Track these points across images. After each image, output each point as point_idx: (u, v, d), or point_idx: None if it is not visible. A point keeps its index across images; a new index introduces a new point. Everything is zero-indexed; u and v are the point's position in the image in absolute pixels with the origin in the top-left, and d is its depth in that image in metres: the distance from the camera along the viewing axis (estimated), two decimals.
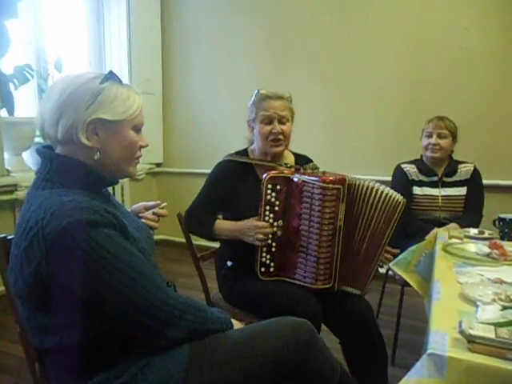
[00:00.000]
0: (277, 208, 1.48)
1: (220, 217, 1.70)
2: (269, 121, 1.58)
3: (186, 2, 3.67)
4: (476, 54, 2.84)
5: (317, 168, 1.71)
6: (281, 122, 1.59)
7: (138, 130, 1.06)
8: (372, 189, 1.47)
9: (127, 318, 0.92)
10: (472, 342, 0.75)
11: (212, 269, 1.78)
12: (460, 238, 1.60)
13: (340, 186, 1.41)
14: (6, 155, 2.66)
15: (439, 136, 2.17)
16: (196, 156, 3.73)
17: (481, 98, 2.84)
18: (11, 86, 2.68)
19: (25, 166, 2.78)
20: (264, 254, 1.52)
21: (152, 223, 1.27)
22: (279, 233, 1.50)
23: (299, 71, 3.30)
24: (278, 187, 1.47)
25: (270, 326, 1.08)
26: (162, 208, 1.31)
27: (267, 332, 1.06)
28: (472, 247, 1.48)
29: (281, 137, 1.59)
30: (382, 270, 2.49)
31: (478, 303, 0.95)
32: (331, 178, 1.41)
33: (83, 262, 0.87)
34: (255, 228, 1.48)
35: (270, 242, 1.51)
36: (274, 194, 1.47)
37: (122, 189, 3.40)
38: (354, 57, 3.14)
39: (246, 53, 3.49)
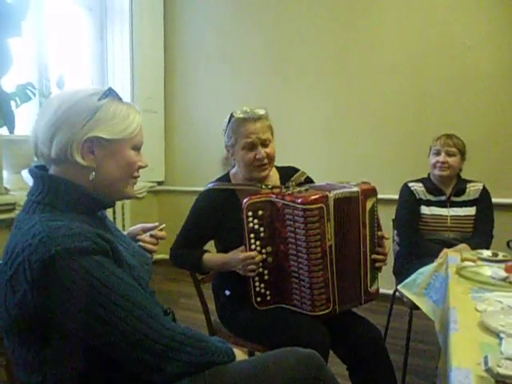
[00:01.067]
0: (262, 234, 1.39)
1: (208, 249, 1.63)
2: (251, 146, 1.48)
3: (188, 20, 3.68)
4: (480, 71, 2.82)
5: (302, 180, 1.60)
6: (264, 146, 1.49)
7: (137, 149, 1.01)
8: (347, 195, 1.38)
9: (120, 353, 0.86)
10: (501, 382, 0.67)
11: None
12: (473, 261, 1.53)
13: (322, 205, 1.30)
14: (5, 173, 2.62)
15: (448, 154, 2.12)
16: (198, 174, 3.68)
17: (487, 114, 2.81)
18: (12, 103, 2.65)
19: (24, 184, 2.73)
20: (257, 284, 1.43)
21: (150, 246, 1.21)
22: (270, 259, 1.41)
23: (302, 88, 3.28)
24: (260, 212, 1.37)
25: (275, 359, 1.00)
26: (161, 230, 1.24)
27: (273, 365, 0.98)
28: (487, 271, 1.40)
29: (266, 161, 1.50)
30: (389, 291, 2.43)
31: (502, 335, 0.88)
32: (312, 198, 1.30)
33: (72, 292, 0.81)
34: (241, 260, 1.40)
35: (261, 270, 1.41)
36: (256, 221, 1.37)
37: (123, 208, 3.35)
38: (357, 72, 3.13)
39: (248, 69, 3.48)
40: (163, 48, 3.76)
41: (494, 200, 2.20)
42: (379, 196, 1.57)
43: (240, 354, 1.06)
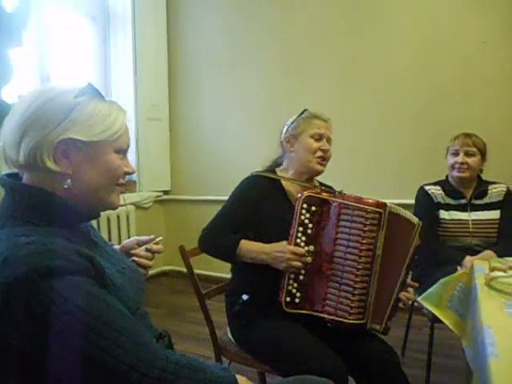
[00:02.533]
0: (309, 231, 1.35)
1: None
2: (319, 138, 1.52)
3: (192, 27, 3.63)
4: (497, 67, 2.71)
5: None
6: (328, 142, 1.55)
7: (122, 152, 0.90)
8: (402, 215, 1.36)
9: None
10: None
11: (222, 301, 1.59)
12: (504, 270, 1.39)
13: (381, 211, 1.30)
14: None
15: (467, 154, 1.99)
16: (205, 183, 3.60)
17: (507, 112, 2.68)
18: None
19: None
20: (291, 282, 1.35)
21: (145, 261, 1.09)
22: (309, 259, 1.35)
23: (312, 93, 3.19)
24: (313, 208, 1.35)
25: None
26: (157, 243, 1.13)
27: None
28: None
29: (327, 155, 1.54)
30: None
31: None
32: (372, 201, 1.31)
33: (43, 321, 0.69)
34: (290, 253, 1.32)
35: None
36: (308, 215, 1.34)
37: (128, 218, 3.27)
38: (370, 72, 3.03)
39: (254, 77, 3.41)
40: (167, 55, 3.71)
41: None
42: (394, 200, 1.51)
43: (245, 382, 0.94)
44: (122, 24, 3.44)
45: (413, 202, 2.15)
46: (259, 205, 1.47)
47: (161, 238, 1.14)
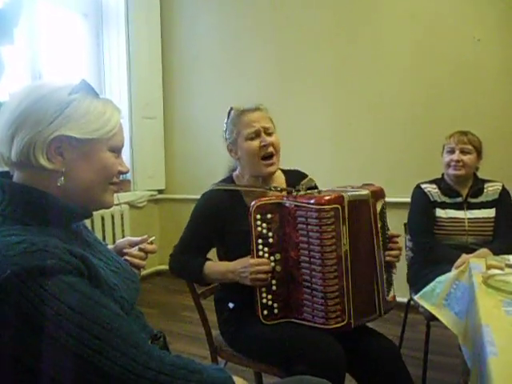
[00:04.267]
0: (271, 240, 1.28)
1: (210, 257, 1.50)
2: (255, 135, 1.40)
3: (186, 25, 3.60)
4: (491, 65, 2.71)
5: (312, 185, 1.50)
6: (267, 134, 1.42)
7: (116, 151, 0.89)
8: (358, 199, 1.29)
9: None
10: None
11: None
12: (500, 268, 1.39)
13: (337, 206, 1.22)
14: None
15: (462, 152, 1.98)
16: (200, 181, 3.56)
17: (502, 109, 2.68)
18: None
19: None
20: (264, 295, 1.30)
21: (138, 261, 1.07)
22: (278, 268, 1.29)
23: (306, 91, 3.18)
24: (269, 216, 1.28)
25: None
26: (151, 243, 1.11)
27: None
28: None
29: (271, 150, 1.41)
30: (403, 300, 2.29)
31: None
32: (326, 198, 1.22)
33: (34, 322, 0.68)
34: (250, 266, 1.27)
35: (269, 280, 1.30)
36: (264, 225, 1.28)
37: (122, 217, 3.24)
38: (363, 71, 3.02)
39: (249, 75, 3.39)
40: (161, 53, 3.68)
41: None
42: (389, 199, 1.47)
43: (241, 382, 0.93)
44: (115, 21, 3.40)
45: (409, 200, 2.15)
46: (220, 221, 1.42)
47: (153, 237, 1.12)
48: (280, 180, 1.53)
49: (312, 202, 1.23)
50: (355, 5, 3.03)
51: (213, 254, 1.53)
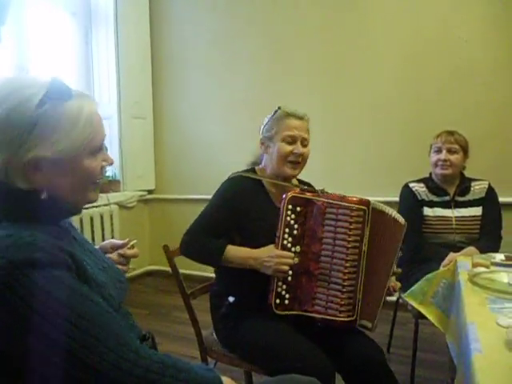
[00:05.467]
0: (295, 232, 1.34)
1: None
2: (291, 141, 1.46)
3: (176, 24, 3.59)
4: (478, 65, 2.74)
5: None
6: (303, 145, 1.48)
7: (97, 151, 0.85)
8: (386, 213, 1.38)
9: None
10: None
11: (207, 300, 1.56)
12: (486, 266, 1.41)
13: (365, 208, 1.31)
14: None
15: (449, 151, 2.01)
16: (190, 181, 3.57)
17: (488, 109, 2.72)
18: None
19: None
20: (280, 283, 1.34)
21: (119, 267, 1.04)
22: (296, 260, 1.34)
23: (296, 92, 3.18)
24: (298, 209, 1.34)
25: None
26: (132, 247, 1.07)
27: None
28: (503, 277, 1.28)
29: (300, 159, 1.48)
30: (392, 298, 2.30)
31: None
32: (356, 199, 1.33)
33: (22, 315, 0.67)
34: (276, 257, 1.31)
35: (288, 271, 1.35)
36: (293, 216, 1.33)
37: (112, 218, 3.22)
38: (354, 72, 3.04)
39: (239, 73, 3.38)
40: (150, 52, 3.65)
41: (500, 199, 2.09)
42: (378, 199, 1.50)
43: (229, 382, 0.93)
44: (103, 20, 3.38)
45: (397, 199, 2.17)
46: (242, 208, 1.44)
47: (135, 241, 1.09)
48: (295, 184, 1.57)
49: (345, 200, 1.33)
50: (346, 6, 3.04)
51: None
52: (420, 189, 2.09)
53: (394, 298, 2.26)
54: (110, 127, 3.33)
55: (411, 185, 2.11)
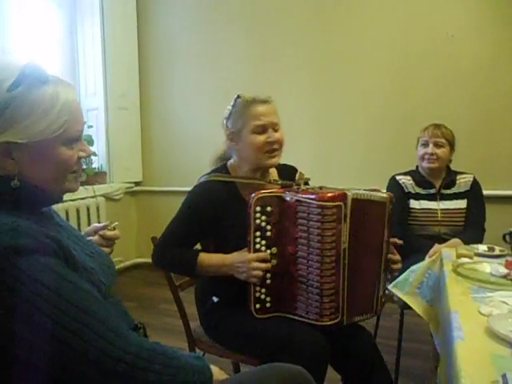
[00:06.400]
0: (269, 233, 1.25)
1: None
2: (262, 130, 1.35)
3: (163, 15, 3.55)
4: (463, 61, 2.78)
5: (308, 181, 1.46)
6: (274, 130, 1.37)
7: (74, 141, 0.83)
8: (367, 199, 1.28)
9: (74, 374, 0.71)
10: None
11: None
12: (470, 257, 1.44)
13: (341, 203, 1.19)
14: None
15: (436, 145, 2.03)
16: (178, 173, 3.55)
17: (473, 104, 2.77)
18: None
19: None
20: (258, 288, 1.27)
21: (102, 249, 1.02)
22: (274, 261, 1.26)
23: (285, 81, 3.19)
24: (269, 209, 1.24)
25: (258, 378, 0.88)
26: (113, 228, 1.05)
27: None
28: (486, 267, 1.31)
29: (276, 146, 1.37)
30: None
31: None
32: (330, 195, 1.20)
33: (9, 302, 0.66)
34: (248, 262, 1.24)
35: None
36: (263, 218, 1.24)
37: (98, 210, 3.19)
38: (343, 66, 3.05)
39: (227, 65, 3.37)
40: (137, 43, 3.61)
41: (484, 192, 2.12)
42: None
43: (218, 372, 0.93)
44: (89, 10, 3.32)
45: (384, 191, 2.18)
46: (213, 216, 1.36)
47: (116, 223, 1.07)
48: (274, 174, 1.50)
49: (314, 197, 1.20)
50: (334, 1, 3.03)
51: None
52: (407, 181, 2.11)
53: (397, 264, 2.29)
54: (97, 119, 3.29)
55: (398, 177, 2.13)
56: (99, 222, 3.30)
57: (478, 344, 0.81)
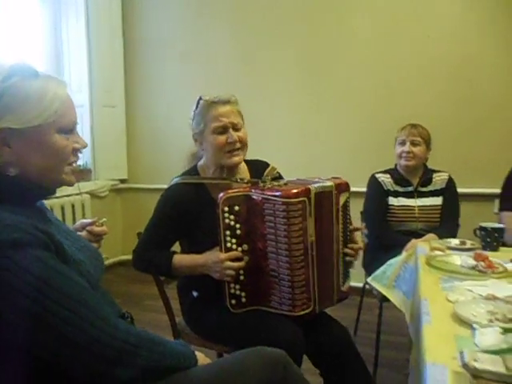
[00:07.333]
0: (238, 231, 1.30)
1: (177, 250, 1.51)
2: (222, 130, 1.40)
3: (149, 11, 3.54)
4: (441, 62, 2.85)
5: (276, 175, 1.51)
6: (235, 129, 1.42)
7: (68, 131, 0.87)
8: (325, 191, 1.32)
9: (66, 360, 0.76)
10: (478, 377, 0.63)
11: None
12: (442, 250, 1.52)
13: (304, 199, 1.24)
14: None
15: (412, 143, 2.11)
16: (164, 170, 3.54)
17: (449, 105, 2.84)
18: None
19: None
20: (232, 285, 1.33)
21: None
22: (246, 258, 1.31)
23: (268, 79, 3.23)
24: (237, 208, 1.29)
25: (240, 361, 0.93)
26: (101, 224, 1.09)
27: (237, 368, 0.91)
28: (456, 259, 1.39)
29: (238, 145, 1.41)
30: (359, 285, 2.41)
31: (475, 325, 0.84)
32: (294, 191, 1.24)
33: (4, 294, 0.70)
34: (221, 262, 1.28)
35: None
36: (232, 217, 1.29)
37: (83, 207, 3.19)
38: (329, 67, 3.11)
39: (213, 62, 3.39)
40: (122, 40, 3.60)
41: (459, 190, 2.20)
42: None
43: (203, 358, 0.99)
44: (74, 7, 3.30)
45: (365, 189, 2.26)
46: (186, 215, 1.41)
47: (104, 219, 1.11)
48: (244, 171, 1.54)
49: (279, 194, 1.24)
50: (319, 2, 3.08)
51: (175, 246, 1.54)
52: (386, 179, 2.19)
53: (360, 285, 2.37)
54: (82, 116, 3.28)
55: (378, 175, 2.21)
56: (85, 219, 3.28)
57: (443, 327, 0.88)
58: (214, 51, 3.38)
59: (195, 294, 1.49)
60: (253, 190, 1.30)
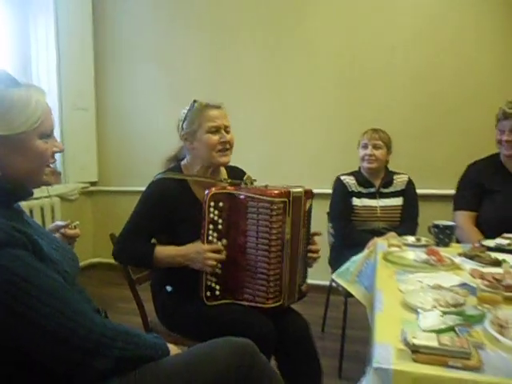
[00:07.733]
0: (220, 226, 1.40)
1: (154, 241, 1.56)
2: (216, 130, 1.51)
3: (120, 11, 3.55)
4: (402, 70, 3.00)
5: (253, 181, 1.61)
6: (226, 132, 1.55)
7: (47, 136, 0.93)
8: (300, 196, 1.45)
9: (45, 352, 0.80)
10: (416, 351, 0.72)
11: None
12: (399, 246, 1.63)
13: (286, 199, 1.37)
14: None
15: (374, 147, 2.23)
16: (134, 173, 3.57)
17: (408, 110, 3.00)
18: None
19: None
20: (209, 277, 1.42)
21: None
22: (224, 252, 1.41)
23: (236, 84, 3.30)
24: (221, 204, 1.39)
25: (209, 349, 1.00)
26: (74, 227, 1.15)
27: (206, 356, 0.98)
28: (410, 255, 1.50)
29: (228, 146, 1.54)
30: (325, 282, 2.51)
31: (420, 310, 0.94)
32: (276, 192, 1.37)
33: None
34: (204, 252, 1.37)
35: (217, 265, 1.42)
36: (216, 212, 1.39)
37: (53, 210, 3.17)
38: (295, 72, 3.20)
39: (183, 66, 3.44)
40: (92, 41, 3.59)
41: (418, 191, 2.33)
42: (316, 190, 1.62)
43: (175, 349, 1.05)
44: (42, 7, 3.26)
45: (330, 190, 2.37)
46: (167, 211, 1.48)
47: (77, 222, 1.16)
48: (223, 174, 1.65)
49: (264, 194, 1.36)
50: (286, 10, 3.18)
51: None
52: (350, 181, 2.30)
53: (327, 283, 2.47)
54: None
55: (342, 177, 2.32)
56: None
57: (393, 313, 0.98)
58: (184, 55, 3.43)
59: (169, 288, 1.55)
60: (238, 190, 1.42)
